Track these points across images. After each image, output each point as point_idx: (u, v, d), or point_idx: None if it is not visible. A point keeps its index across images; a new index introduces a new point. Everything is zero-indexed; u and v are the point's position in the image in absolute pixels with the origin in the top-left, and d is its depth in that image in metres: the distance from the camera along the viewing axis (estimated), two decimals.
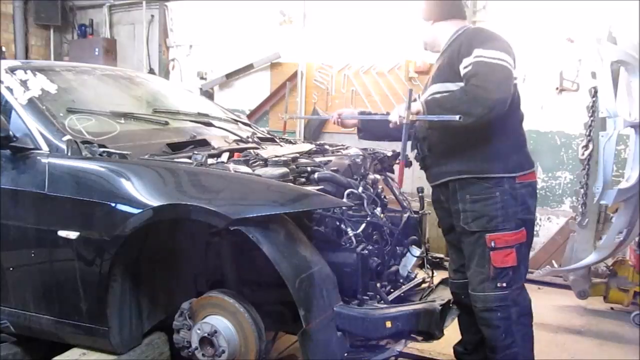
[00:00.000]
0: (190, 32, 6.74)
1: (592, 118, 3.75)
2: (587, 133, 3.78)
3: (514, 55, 2.32)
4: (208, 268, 2.40)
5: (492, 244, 2.32)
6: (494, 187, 2.34)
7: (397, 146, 2.72)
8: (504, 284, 2.33)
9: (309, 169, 2.47)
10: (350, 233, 2.24)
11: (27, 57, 7.01)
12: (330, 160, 2.70)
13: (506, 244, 2.32)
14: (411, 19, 4.21)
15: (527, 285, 2.52)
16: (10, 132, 2.28)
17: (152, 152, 2.37)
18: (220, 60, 6.48)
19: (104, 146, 2.29)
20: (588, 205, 3.81)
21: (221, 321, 2.09)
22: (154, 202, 2.02)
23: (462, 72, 2.28)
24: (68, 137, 2.28)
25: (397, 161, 2.51)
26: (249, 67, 6.32)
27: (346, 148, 3.14)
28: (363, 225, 2.32)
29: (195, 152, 2.37)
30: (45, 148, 2.28)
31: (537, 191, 2.52)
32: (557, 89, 4.99)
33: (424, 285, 2.64)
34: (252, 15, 6.27)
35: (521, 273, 2.40)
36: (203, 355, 2.10)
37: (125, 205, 2.06)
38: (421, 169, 2.63)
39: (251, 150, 2.60)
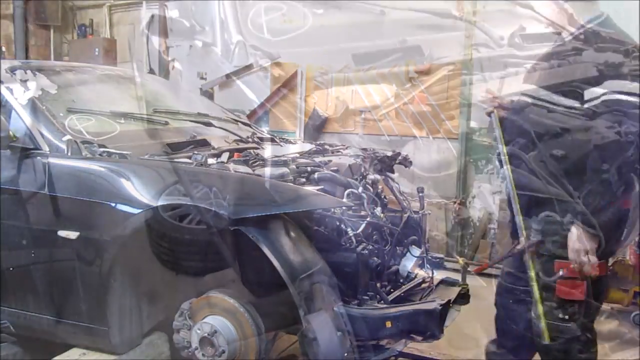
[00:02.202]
0: (190, 32, 6.73)
1: None
2: None
3: None
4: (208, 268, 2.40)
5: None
6: None
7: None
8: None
9: (309, 169, 2.47)
10: (350, 233, 2.24)
11: (27, 57, 7.00)
12: (330, 160, 2.70)
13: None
14: (412, 19, 4.21)
15: None
16: (10, 132, 2.28)
17: (152, 152, 2.37)
18: (220, 60, 6.48)
19: (104, 146, 2.30)
20: None
21: (221, 321, 2.09)
22: (154, 202, 2.02)
23: None
24: (68, 137, 2.28)
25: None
26: (249, 67, 6.32)
27: (346, 148, 3.14)
28: (363, 225, 2.32)
29: (195, 152, 2.37)
30: (45, 148, 2.28)
31: None
32: None
33: (424, 285, 2.64)
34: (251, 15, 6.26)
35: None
36: (203, 355, 2.10)
37: (125, 205, 2.06)
38: None
39: (251, 150, 2.60)
